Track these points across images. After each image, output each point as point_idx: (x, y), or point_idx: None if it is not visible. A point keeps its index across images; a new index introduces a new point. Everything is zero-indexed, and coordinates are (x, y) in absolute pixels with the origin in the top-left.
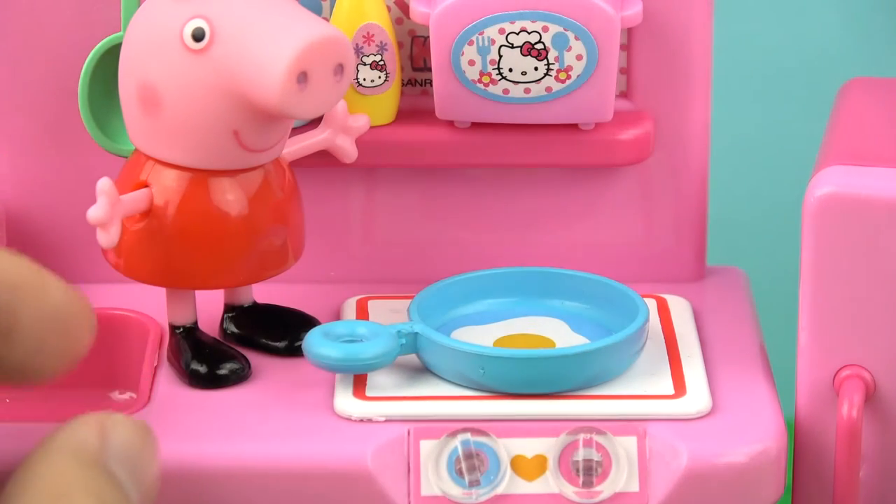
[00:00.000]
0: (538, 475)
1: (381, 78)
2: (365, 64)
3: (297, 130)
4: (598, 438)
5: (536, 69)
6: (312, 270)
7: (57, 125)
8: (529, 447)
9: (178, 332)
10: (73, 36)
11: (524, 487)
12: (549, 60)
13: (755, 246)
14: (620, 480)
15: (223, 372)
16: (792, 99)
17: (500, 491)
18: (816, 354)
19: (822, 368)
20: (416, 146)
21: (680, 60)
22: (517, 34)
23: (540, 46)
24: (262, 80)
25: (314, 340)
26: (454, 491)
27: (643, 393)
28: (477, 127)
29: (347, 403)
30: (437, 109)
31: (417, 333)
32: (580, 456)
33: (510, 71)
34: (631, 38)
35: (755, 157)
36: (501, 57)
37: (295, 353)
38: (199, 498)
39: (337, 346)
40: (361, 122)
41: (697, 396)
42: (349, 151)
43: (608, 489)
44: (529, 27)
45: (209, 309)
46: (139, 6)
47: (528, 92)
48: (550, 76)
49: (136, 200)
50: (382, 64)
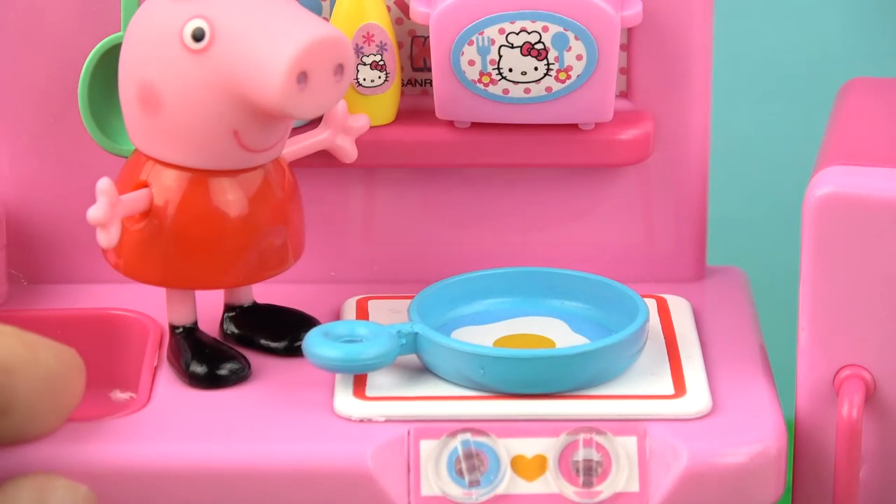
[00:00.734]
0: (538, 475)
1: (381, 78)
2: (365, 64)
3: (297, 130)
4: (598, 438)
5: (536, 69)
6: (312, 270)
7: (57, 125)
8: (529, 447)
9: (178, 332)
10: (73, 36)
11: (524, 487)
12: (549, 60)
13: (755, 246)
14: (620, 480)
15: (223, 372)
16: (792, 99)
17: (500, 491)
18: (816, 354)
19: (822, 368)
20: (416, 146)
21: (680, 60)
22: (517, 34)
23: (540, 46)
24: (262, 80)
25: (314, 340)
26: (454, 491)
27: (643, 393)
28: (477, 127)
29: (347, 403)
30: (437, 109)
31: (417, 333)
32: (580, 456)
33: (510, 71)
34: (631, 38)
35: (755, 157)
36: (501, 57)
37: (295, 353)
38: (199, 498)
39: (337, 346)
40: (361, 122)
41: (697, 396)
42: (349, 151)
43: (608, 489)
44: (529, 27)
45: (209, 309)
46: (139, 6)
47: (528, 92)
48: (550, 76)
49: (135, 200)
50: (382, 64)
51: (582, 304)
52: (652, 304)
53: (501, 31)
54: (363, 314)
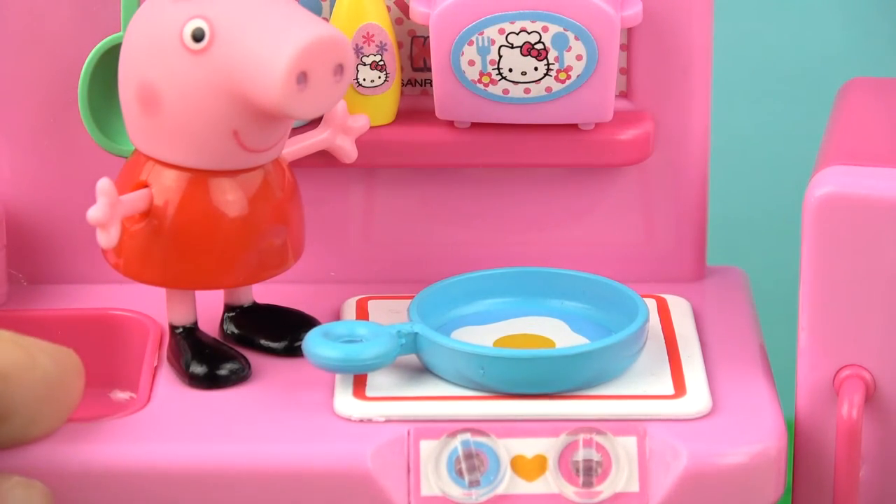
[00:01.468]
0: (538, 475)
1: (381, 78)
2: (365, 64)
3: (297, 130)
4: (598, 438)
5: (536, 69)
6: (312, 270)
7: (57, 125)
8: (529, 447)
9: (178, 332)
10: (73, 36)
11: (524, 487)
12: (549, 60)
13: (755, 246)
14: (620, 480)
15: (223, 372)
16: (792, 99)
17: (500, 491)
18: (816, 354)
19: (822, 368)
20: (416, 146)
21: (680, 60)
22: (517, 34)
23: (540, 46)
24: (261, 80)
25: (314, 340)
26: (454, 491)
27: (643, 393)
28: (477, 127)
29: (347, 404)
30: (437, 109)
31: (417, 333)
32: (580, 456)
33: (510, 71)
34: (631, 38)
35: (755, 157)
36: (501, 57)
37: (295, 353)
38: (199, 498)
39: (337, 346)
40: (361, 122)
41: (697, 396)
42: (349, 151)
43: (608, 489)
44: (529, 27)
45: (209, 309)
46: (139, 6)
47: (528, 92)
48: (550, 76)
49: (135, 201)
50: (382, 64)
51: (582, 304)
52: (652, 304)
53: (501, 31)
54: (363, 314)
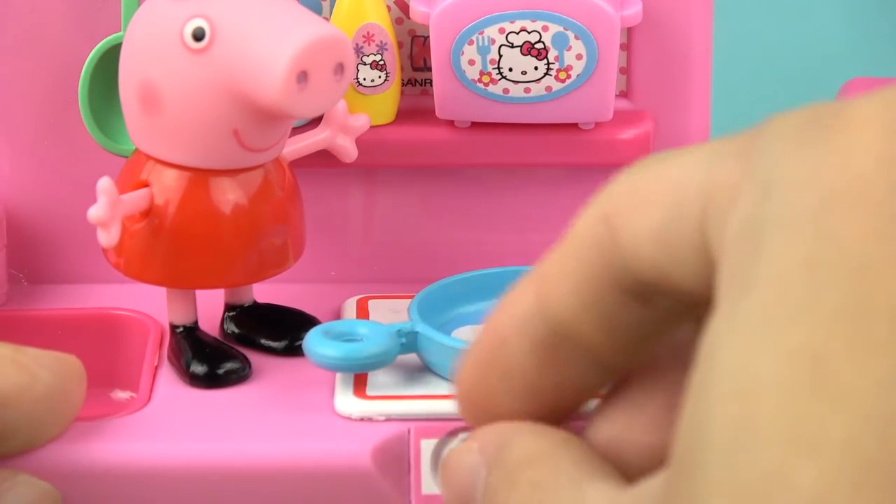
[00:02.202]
0: None
1: (381, 78)
2: (365, 64)
3: (297, 130)
4: None
5: (536, 69)
6: (312, 270)
7: (57, 125)
8: None
9: (178, 331)
10: (73, 36)
11: None
12: (549, 60)
13: None
14: None
15: (223, 372)
16: (792, 99)
17: None
18: None
19: None
20: (416, 146)
21: (680, 60)
22: (517, 34)
23: (540, 46)
24: (262, 79)
25: (314, 340)
26: None
27: None
28: (477, 127)
29: (348, 403)
30: (437, 109)
31: (418, 333)
32: None
33: (510, 70)
34: (631, 38)
35: None
36: (501, 56)
37: (295, 352)
38: (199, 497)
39: (337, 345)
40: (361, 121)
41: None
42: (349, 151)
43: None
44: (529, 27)
45: (209, 309)
46: (139, 6)
47: (528, 91)
48: (550, 76)
49: (136, 200)
50: (382, 64)
51: None
52: None
53: (501, 30)
54: (363, 314)
